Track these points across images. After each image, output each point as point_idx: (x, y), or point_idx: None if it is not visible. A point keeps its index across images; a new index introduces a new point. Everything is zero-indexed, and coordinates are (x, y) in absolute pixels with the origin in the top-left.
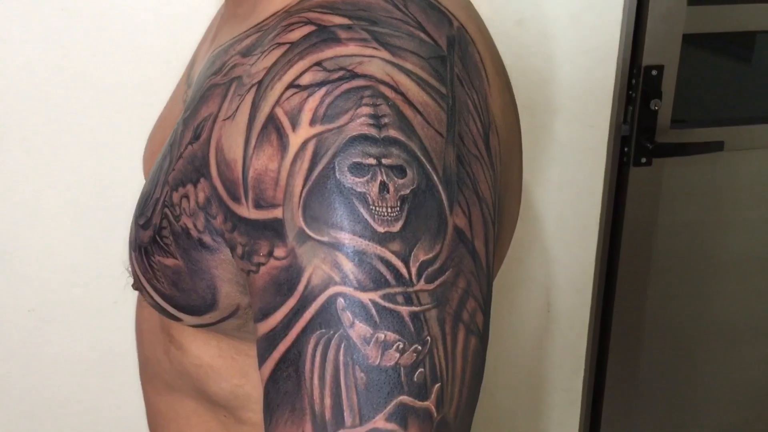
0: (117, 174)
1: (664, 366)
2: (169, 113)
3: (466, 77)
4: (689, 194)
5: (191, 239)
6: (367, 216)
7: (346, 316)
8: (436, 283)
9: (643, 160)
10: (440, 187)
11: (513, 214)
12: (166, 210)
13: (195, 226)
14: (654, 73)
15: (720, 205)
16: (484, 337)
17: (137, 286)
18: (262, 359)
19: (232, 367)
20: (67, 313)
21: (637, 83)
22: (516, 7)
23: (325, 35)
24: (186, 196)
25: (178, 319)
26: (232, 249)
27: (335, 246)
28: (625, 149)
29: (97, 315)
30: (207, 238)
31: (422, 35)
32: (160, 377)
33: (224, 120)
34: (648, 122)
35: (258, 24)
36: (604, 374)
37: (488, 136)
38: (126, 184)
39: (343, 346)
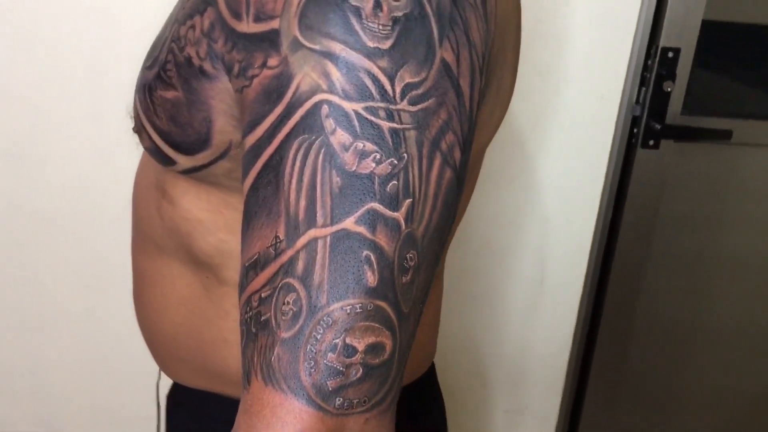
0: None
1: (653, 358)
2: None
3: None
4: (694, 185)
5: (193, 67)
6: (359, 29)
7: (329, 123)
8: (419, 106)
9: (651, 142)
10: (432, 19)
11: (505, 90)
12: (173, 44)
13: (197, 54)
14: (670, 55)
15: (724, 199)
16: (461, 176)
17: (137, 128)
18: (245, 173)
19: (219, 222)
20: (70, 222)
21: (652, 64)
22: None
23: None
24: (192, 27)
25: (172, 162)
26: (230, 70)
27: (326, 55)
28: (635, 130)
29: (100, 227)
30: (207, 66)
31: None
32: (151, 238)
33: None
34: (660, 104)
35: None
36: (591, 355)
37: None
38: None
39: (323, 151)
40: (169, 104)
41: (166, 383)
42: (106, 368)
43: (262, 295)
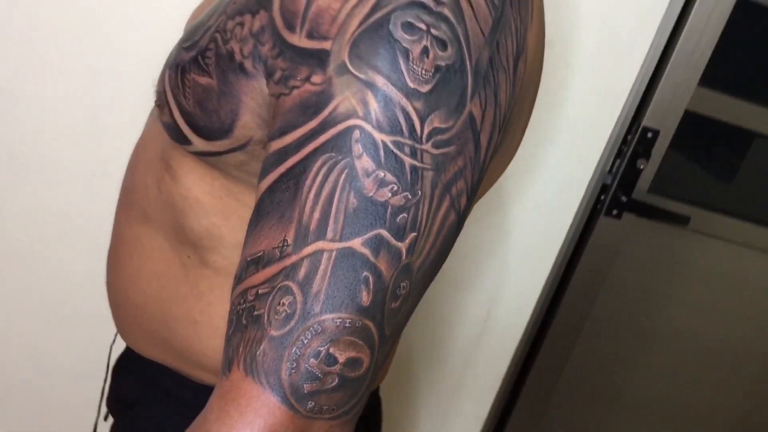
0: (129, 46)
1: (572, 416)
2: None
3: (517, 3)
4: (646, 260)
5: (233, 62)
6: (404, 68)
7: (357, 148)
8: (440, 150)
9: (615, 212)
10: (469, 74)
11: (514, 146)
12: (216, 35)
13: (241, 51)
14: (649, 135)
15: (671, 280)
16: (461, 221)
17: (160, 102)
18: (265, 173)
19: (217, 207)
20: (41, 168)
21: (631, 140)
22: (546, 29)
23: None
24: (241, 24)
25: (187, 142)
26: (271, 75)
27: (369, 85)
28: (602, 197)
29: (81, 178)
30: (248, 64)
31: None
32: (140, 206)
33: None
34: (630, 178)
35: None
36: (515, 400)
37: (518, 59)
38: (135, 56)
39: (345, 172)
40: (200, 89)
41: (120, 346)
42: (60, 323)
43: (260, 291)
